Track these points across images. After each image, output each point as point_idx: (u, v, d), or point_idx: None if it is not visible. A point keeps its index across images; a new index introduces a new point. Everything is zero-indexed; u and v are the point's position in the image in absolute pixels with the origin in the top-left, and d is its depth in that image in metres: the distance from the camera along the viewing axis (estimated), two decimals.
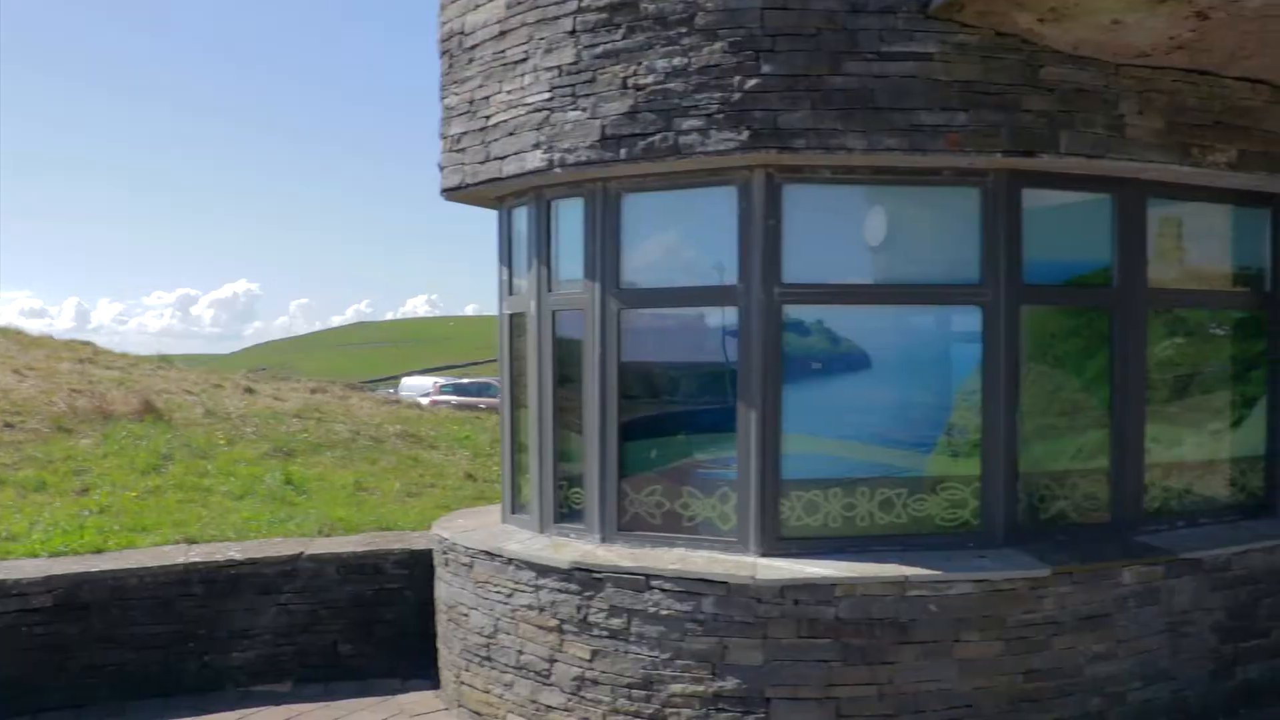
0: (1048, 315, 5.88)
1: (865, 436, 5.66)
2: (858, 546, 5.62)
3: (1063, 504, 5.92)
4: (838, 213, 5.66)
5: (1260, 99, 6.02)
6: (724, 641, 5.37)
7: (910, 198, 5.69)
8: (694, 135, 5.42)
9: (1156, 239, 6.16)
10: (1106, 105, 5.59)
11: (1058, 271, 5.88)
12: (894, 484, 5.67)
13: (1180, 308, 6.25)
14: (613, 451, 5.88)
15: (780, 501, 5.61)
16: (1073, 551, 5.66)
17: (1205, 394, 6.36)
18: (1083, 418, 5.96)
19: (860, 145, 5.33)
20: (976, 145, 5.39)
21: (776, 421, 5.58)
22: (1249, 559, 6.05)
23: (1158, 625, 5.75)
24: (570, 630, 5.72)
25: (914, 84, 5.34)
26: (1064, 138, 5.49)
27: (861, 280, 5.63)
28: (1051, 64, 5.49)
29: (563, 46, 5.73)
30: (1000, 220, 5.66)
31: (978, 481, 5.72)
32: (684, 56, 5.43)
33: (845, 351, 5.67)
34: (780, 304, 5.57)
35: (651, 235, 5.88)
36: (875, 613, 5.32)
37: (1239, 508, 6.50)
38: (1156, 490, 6.17)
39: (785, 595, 5.32)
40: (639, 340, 5.91)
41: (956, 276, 5.70)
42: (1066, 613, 5.51)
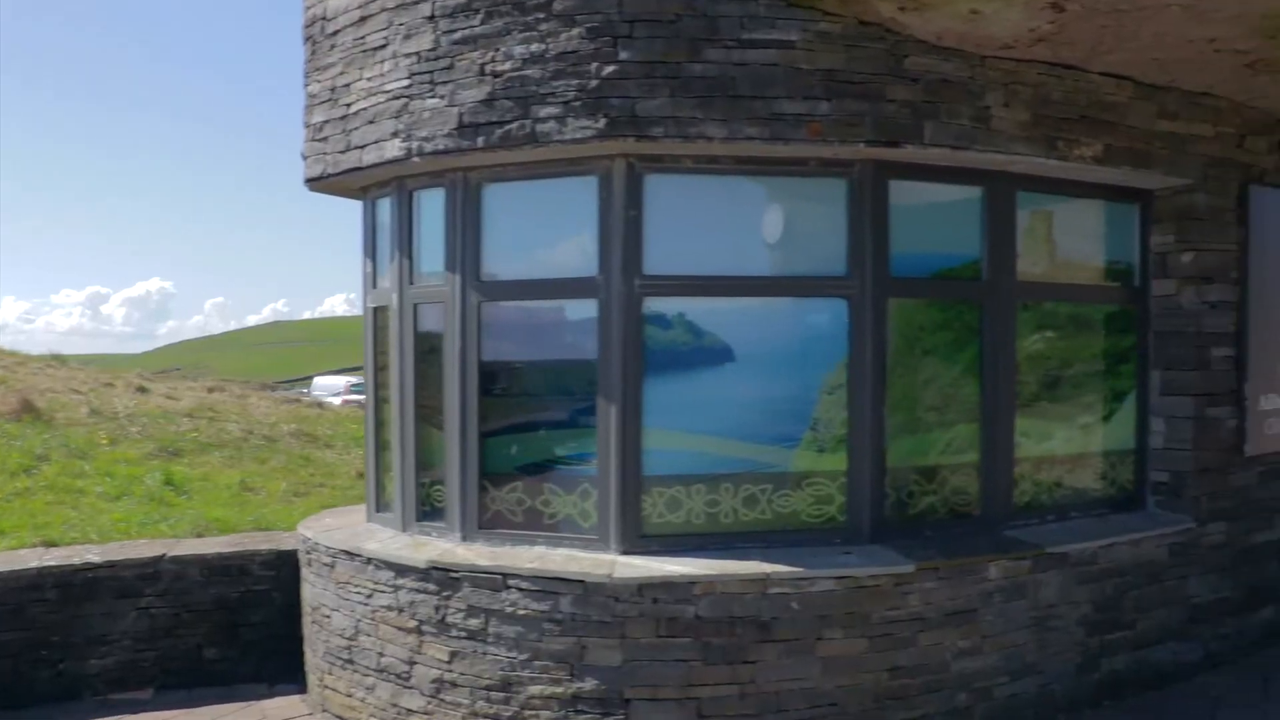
0: (916, 308, 5.80)
1: (729, 432, 5.53)
2: (721, 544, 5.50)
3: (931, 499, 5.84)
4: (701, 203, 5.52)
5: (1125, 95, 5.99)
6: (582, 641, 5.22)
7: (776, 188, 5.57)
8: (551, 123, 5.26)
9: (1027, 233, 6.10)
10: (972, 97, 5.51)
11: (926, 264, 5.80)
12: (758, 480, 5.55)
13: (1050, 302, 6.20)
14: (473, 448, 5.71)
15: (642, 498, 5.47)
16: (940, 547, 5.59)
17: (1076, 388, 6.33)
18: (952, 412, 5.89)
19: (720, 134, 5.20)
20: (839, 135, 5.29)
21: (637, 416, 5.44)
22: (1115, 552, 6.02)
23: (1024, 620, 5.69)
24: (429, 631, 5.55)
25: (776, 72, 5.23)
26: (928, 128, 5.41)
27: (725, 272, 5.49)
28: (916, 54, 5.40)
29: (421, 32, 5.55)
30: (867, 212, 5.56)
31: (844, 477, 5.62)
32: (541, 42, 5.27)
33: (709, 345, 5.54)
34: (641, 296, 5.43)
35: (513, 226, 5.71)
36: (736, 611, 5.19)
37: (1109, 501, 6.48)
38: (1026, 484, 6.12)
39: (643, 594, 5.18)
40: (500, 334, 5.74)
41: (823, 269, 5.60)
42: (932, 609, 5.43)
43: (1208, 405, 6.45)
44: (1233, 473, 6.60)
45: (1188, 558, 6.37)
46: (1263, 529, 6.83)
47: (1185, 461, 6.40)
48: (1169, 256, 6.49)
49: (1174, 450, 6.45)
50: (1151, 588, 6.20)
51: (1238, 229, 6.58)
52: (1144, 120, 6.07)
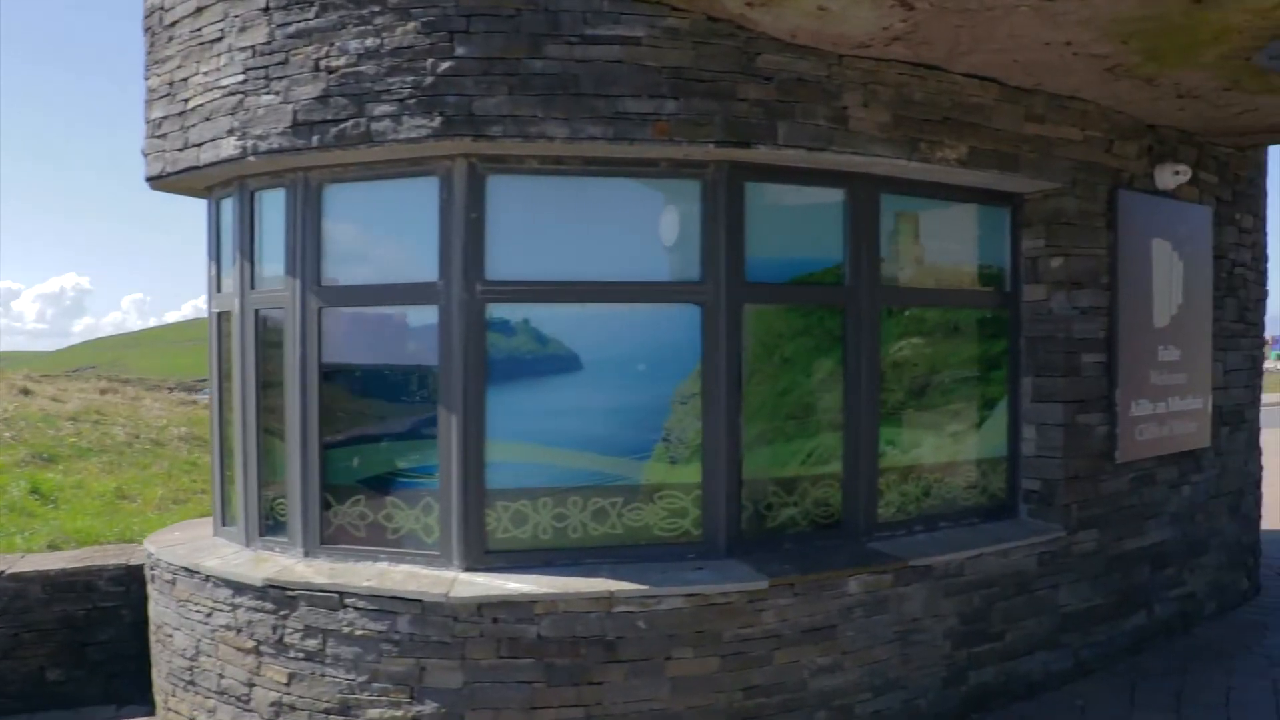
0: (775, 314, 5.57)
1: (577, 443, 5.28)
2: (570, 560, 5.25)
3: (792, 511, 5.62)
4: (547, 205, 5.25)
5: (990, 96, 5.81)
6: (421, 663, 4.95)
7: (626, 190, 5.32)
8: (386, 121, 4.98)
9: (892, 236, 5.91)
10: (829, 96, 5.30)
11: (786, 269, 5.58)
12: (608, 493, 5.31)
13: (917, 306, 6.01)
14: (314, 460, 5.41)
15: (485, 513, 5.21)
16: (798, 561, 5.38)
17: (944, 395, 6.14)
18: (813, 421, 5.67)
19: (562, 134, 4.95)
20: (687, 135, 5.05)
21: (480, 427, 5.17)
22: (982, 563, 5.84)
23: (887, 634, 5.49)
24: (268, 652, 5.25)
25: (620, 69, 4.98)
26: (782, 129, 5.18)
27: (573, 277, 5.23)
28: (769, 52, 5.18)
29: (256, 25, 5.24)
30: (721, 215, 5.33)
31: (698, 489, 5.39)
32: (377, 37, 4.98)
33: (555, 353, 5.28)
34: (484, 302, 5.16)
35: (355, 229, 5.42)
36: (580, 630, 4.95)
37: (981, 510, 6.30)
38: (893, 495, 5.92)
39: (483, 613, 4.92)
40: (342, 341, 5.45)
41: (675, 273, 5.36)
42: (788, 625, 5.21)
43: (1078, 412, 6.29)
44: (1104, 480, 6.46)
45: (1058, 566, 6.21)
46: (1134, 536, 6.70)
47: (1055, 469, 6.25)
48: (1039, 261, 6.32)
49: (1045, 458, 6.29)
50: (1020, 598, 6.04)
51: (1108, 233, 6.43)
52: (1010, 123, 5.90)
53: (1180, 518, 7.10)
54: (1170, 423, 6.80)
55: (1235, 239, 7.63)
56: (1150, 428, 6.64)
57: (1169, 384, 6.78)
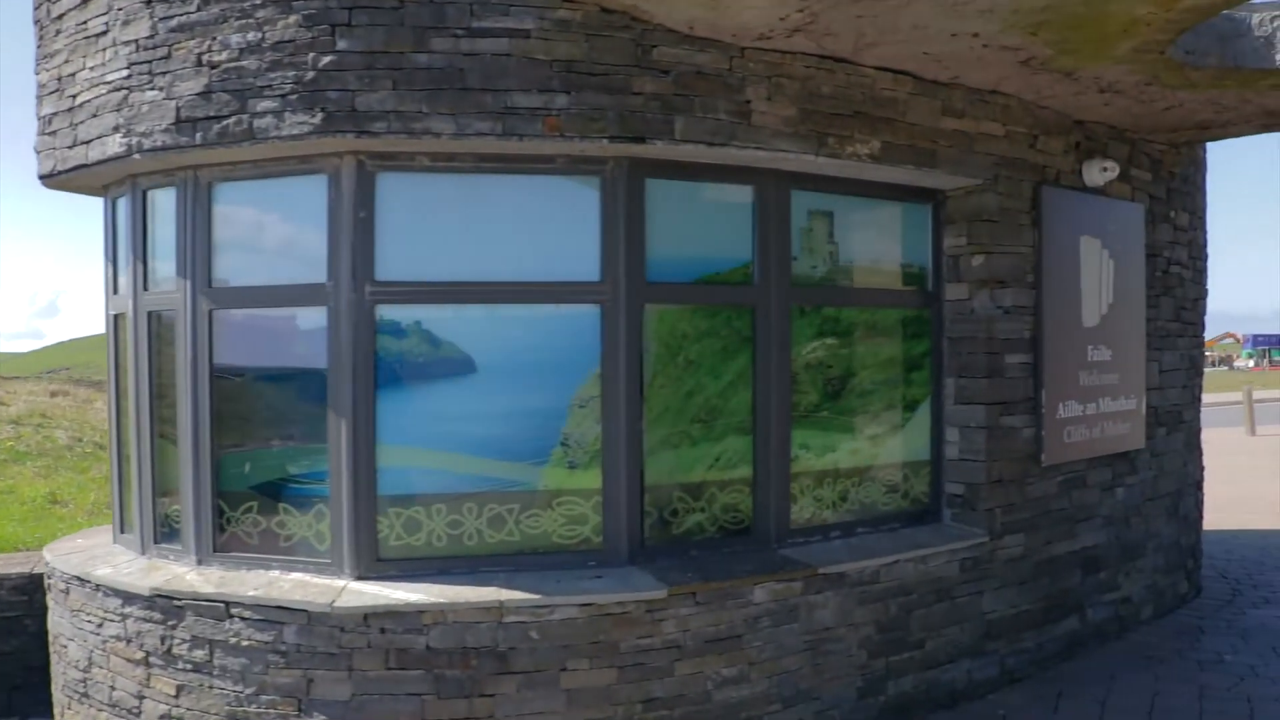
0: (679, 315, 5.37)
1: (472, 448, 5.08)
2: (465, 567, 5.05)
3: (699, 517, 5.42)
4: (440, 204, 5.06)
5: (904, 90, 5.61)
6: (308, 674, 4.76)
7: (522, 188, 5.11)
8: (269, 118, 4.78)
9: (805, 234, 5.71)
10: (730, 90, 5.10)
11: (691, 268, 5.38)
12: (505, 499, 5.11)
13: (832, 306, 5.80)
14: (206, 465, 5.21)
15: (377, 519, 5.01)
16: (702, 569, 5.18)
17: (863, 397, 5.93)
18: (721, 424, 5.46)
19: (448, 130, 4.75)
20: (579, 130, 4.85)
21: (370, 432, 4.97)
22: (900, 570, 5.64)
23: (797, 644, 5.29)
24: (157, 663, 5.06)
25: (509, 63, 4.78)
26: (680, 123, 4.99)
27: (466, 278, 5.03)
28: (666, 44, 4.98)
29: (139, 18, 5.04)
30: (621, 213, 5.13)
31: (598, 495, 5.18)
32: (258, 31, 4.78)
33: (448, 355, 5.08)
34: (373, 304, 4.96)
35: (246, 228, 5.22)
36: (470, 641, 4.75)
37: (903, 515, 6.10)
38: (807, 500, 5.72)
39: (370, 623, 4.73)
40: (234, 344, 5.25)
41: (573, 273, 5.16)
42: (690, 635, 5.02)
43: (1002, 414, 6.09)
44: (1030, 483, 6.26)
45: (981, 573, 6.01)
46: (1064, 539, 6.49)
47: (979, 473, 6.04)
48: (961, 259, 6.12)
49: (968, 461, 6.09)
50: (941, 605, 5.83)
51: (1032, 231, 6.23)
52: (927, 117, 5.70)
53: (1114, 521, 6.90)
54: (1101, 424, 6.60)
55: (1170, 237, 7.43)
56: (1080, 429, 6.44)
57: (1100, 385, 6.58)
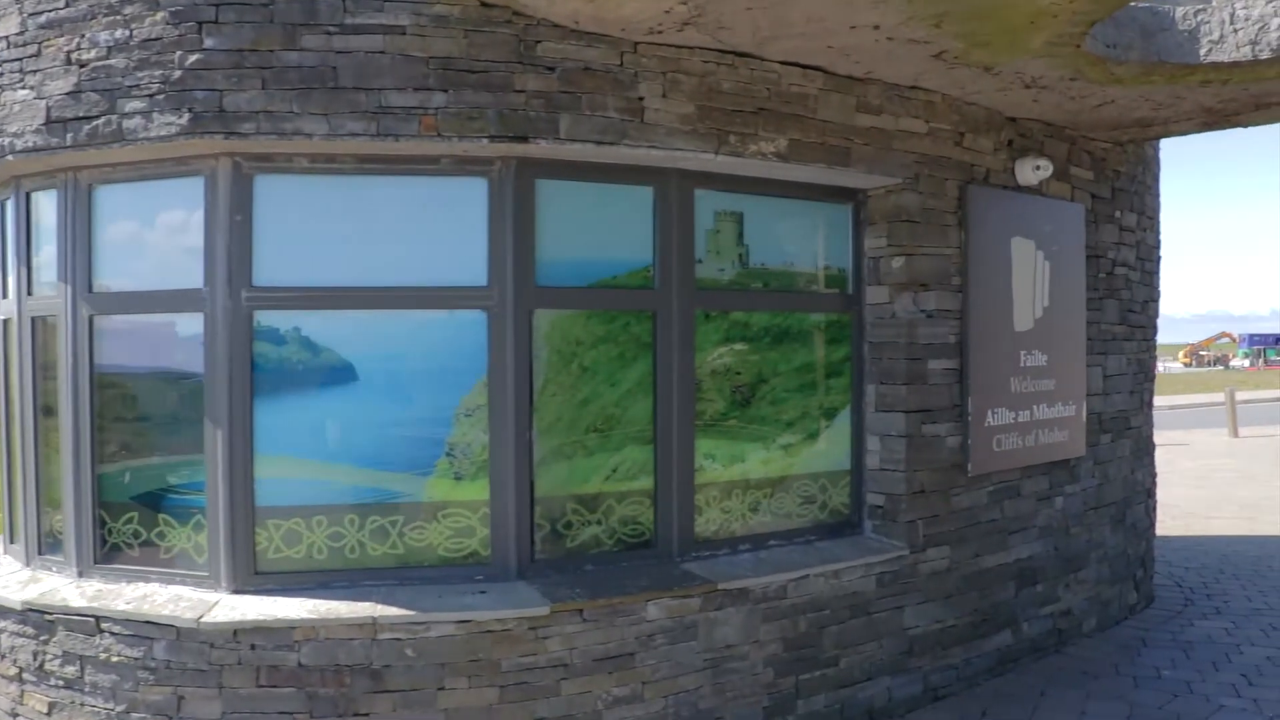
0: (572, 320, 5.10)
1: (354, 458, 4.84)
2: (346, 581, 4.82)
3: (596, 530, 5.16)
4: (321, 207, 4.82)
5: (814, 86, 5.32)
6: (179, 691, 4.56)
7: (406, 190, 4.87)
8: (137, 118, 4.57)
9: (712, 236, 5.43)
10: (621, 86, 4.84)
11: (586, 271, 5.12)
12: (388, 511, 4.87)
13: (741, 310, 5.52)
14: (87, 475, 5.01)
15: (256, 531, 4.79)
16: (594, 585, 4.92)
17: (775, 404, 5.64)
18: (619, 434, 5.20)
19: (320, 130, 4.52)
20: (457, 130, 4.60)
21: (247, 441, 4.75)
22: (810, 585, 5.36)
23: (696, 662, 5.03)
24: (30, 679, 4.89)
25: (383, 60, 4.54)
26: (565, 122, 4.73)
27: (348, 283, 4.80)
28: (551, 40, 4.72)
29: (9, 14, 4.84)
30: (509, 215, 4.89)
31: (486, 507, 4.94)
32: (126, 28, 4.57)
33: (329, 363, 4.84)
34: (250, 310, 4.74)
35: (126, 232, 5.00)
36: (343, 658, 4.53)
37: (821, 528, 5.80)
38: (714, 512, 5.44)
39: (239, 639, 4.51)
40: (116, 351, 5.04)
41: (459, 278, 4.91)
42: (578, 653, 4.77)
43: (924, 422, 5.78)
44: (957, 493, 5.95)
45: (902, 587, 5.71)
46: (995, 551, 6.18)
47: (899, 484, 5.74)
48: (882, 261, 5.82)
49: (889, 471, 5.79)
50: (857, 621, 5.54)
51: (958, 232, 5.91)
52: (840, 114, 5.41)
53: (1052, 531, 6.58)
54: (1036, 432, 6.28)
55: (1115, 238, 7.08)
56: (1012, 437, 6.12)
57: (1034, 391, 6.26)
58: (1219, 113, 6.14)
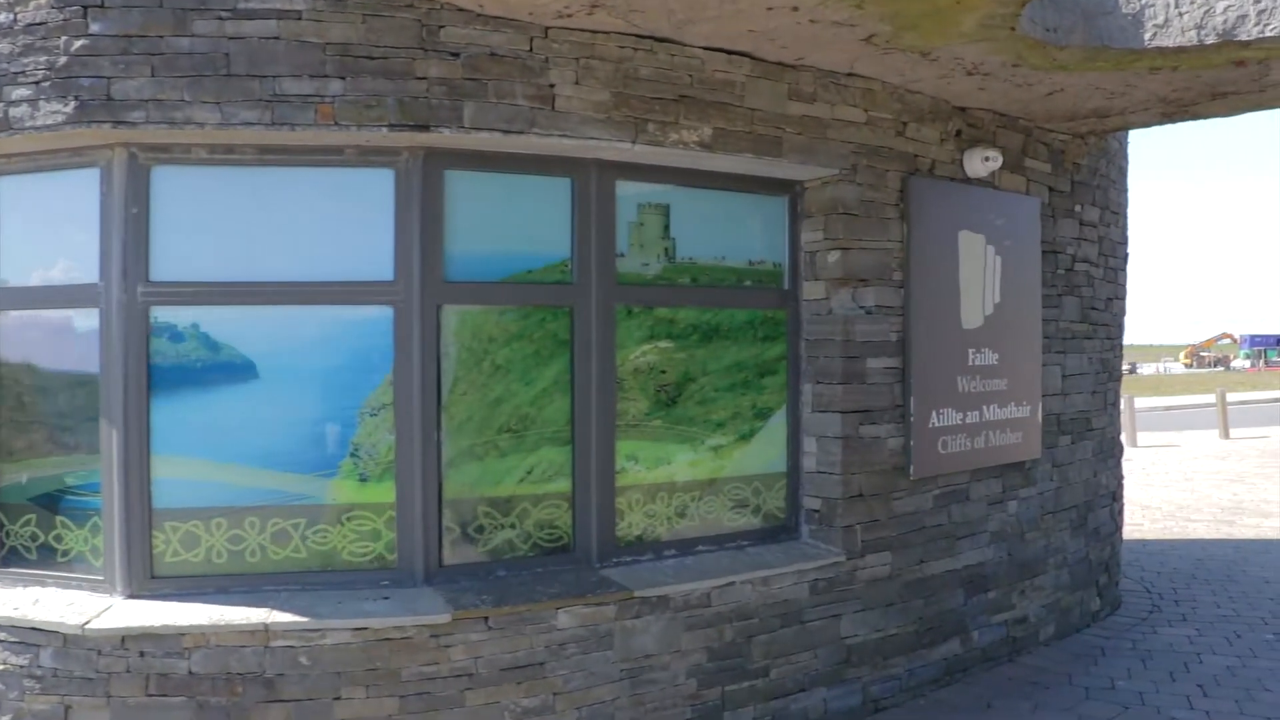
0: (484, 316, 4.87)
1: (255, 459, 4.63)
2: (247, 586, 4.61)
3: (509, 534, 4.93)
4: (222, 199, 4.60)
5: (741, 73, 5.06)
6: (65, 700, 4.36)
7: (310, 181, 4.65)
8: (24, 106, 4.36)
9: (636, 229, 5.18)
10: (530, 73, 4.60)
11: (499, 266, 4.88)
12: (290, 513, 4.66)
13: (666, 306, 5.26)
14: None
15: (153, 534, 4.58)
16: (504, 591, 4.69)
17: (704, 404, 5.38)
18: (534, 434, 4.96)
19: (212, 119, 4.30)
20: (355, 119, 4.38)
21: (144, 441, 4.55)
22: (736, 592, 5.10)
23: (612, 673, 4.78)
24: None
25: (278, 46, 4.32)
26: (469, 110, 4.49)
27: (248, 278, 4.59)
28: (455, 24, 4.49)
29: None
30: (416, 207, 4.67)
31: (391, 510, 4.72)
32: (9, 12, 4.37)
33: (229, 360, 4.62)
34: (147, 305, 4.54)
35: (24, 225, 4.80)
36: (235, 666, 4.31)
37: (755, 532, 5.54)
38: (637, 515, 5.19)
39: (127, 646, 4.31)
40: (14, 348, 4.84)
41: (365, 273, 4.69)
42: (483, 663, 4.54)
43: (862, 423, 5.50)
44: (899, 497, 5.67)
45: (838, 594, 5.45)
46: (942, 557, 5.89)
47: (835, 487, 5.47)
48: (818, 255, 5.55)
49: (825, 474, 5.52)
50: (789, 630, 5.28)
51: (901, 225, 5.63)
52: (770, 102, 5.15)
53: (1005, 536, 6.28)
54: (986, 433, 5.98)
55: (1075, 233, 6.77)
56: (959, 439, 5.83)
57: (984, 391, 5.97)
58: (1176, 102, 5.82)
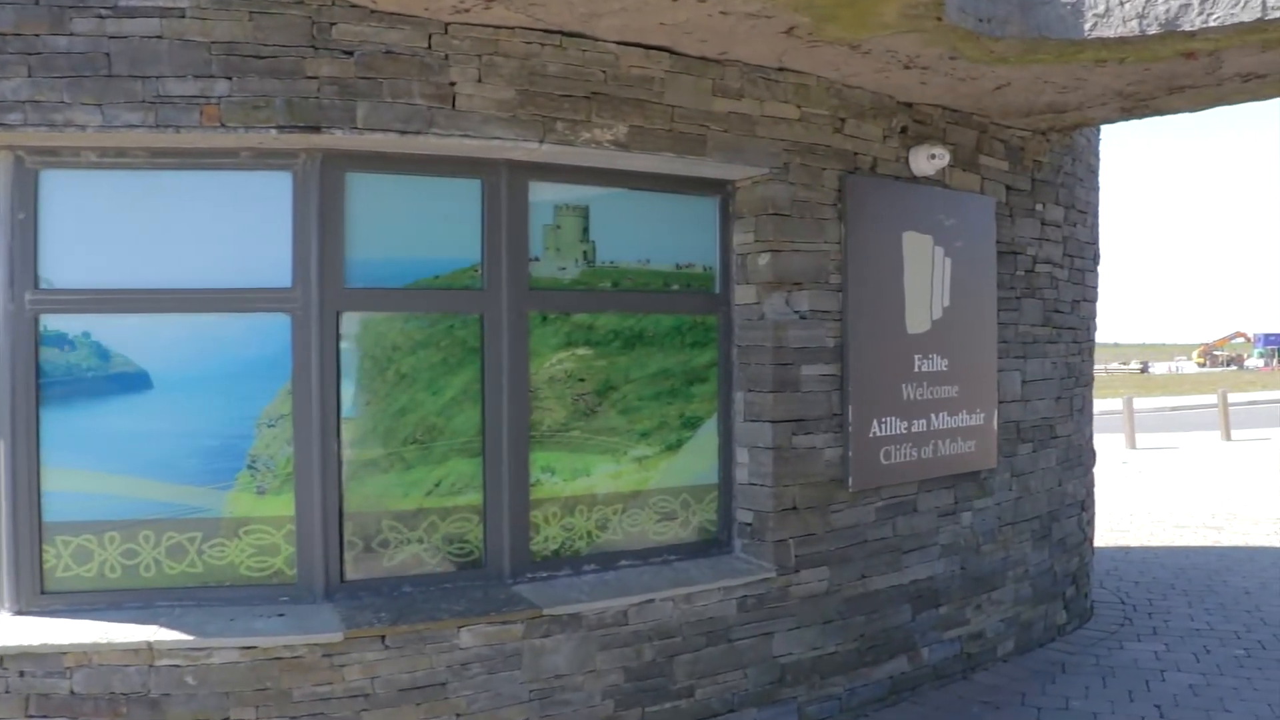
0: (389, 323, 4.65)
1: (149, 470, 4.44)
2: (141, 601, 4.44)
3: (416, 549, 4.71)
4: (113, 204, 4.42)
5: (660, 68, 4.79)
6: None
7: (205, 185, 4.46)
8: None
9: (552, 232, 4.93)
10: (428, 71, 4.37)
11: (404, 271, 4.66)
12: (185, 527, 4.47)
13: (584, 312, 5.01)
14: None
15: (44, 548, 4.41)
16: (405, 608, 4.48)
17: (628, 414, 5.13)
18: (443, 445, 4.74)
19: (94, 121, 4.11)
20: (242, 120, 4.17)
21: (33, 453, 4.38)
22: (656, 610, 4.85)
23: (520, 693, 4.56)
24: None
25: (161, 46, 4.12)
26: (362, 110, 4.27)
27: (141, 285, 4.40)
28: (349, 21, 4.27)
29: None
30: (315, 210, 4.46)
31: (291, 524, 4.51)
32: None
33: (121, 370, 4.44)
34: (35, 314, 4.36)
35: None
36: (118, 686, 4.14)
37: (684, 546, 5.28)
38: (554, 529, 4.95)
39: (7, 666, 4.13)
40: None
41: (262, 279, 4.49)
42: (380, 683, 4.33)
43: (795, 432, 5.22)
44: (837, 510, 5.38)
45: (770, 611, 5.17)
46: (886, 571, 5.59)
47: (766, 499, 5.19)
48: (749, 258, 5.27)
49: (757, 486, 5.25)
50: (716, 649, 5.02)
51: (839, 226, 5.33)
52: (692, 99, 4.88)
53: (959, 549, 5.97)
54: (935, 442, 5.67)
55: (1037, 233, 6.42)
56: (904, 449, 5.53)
57: (932, 398, 5.66)
58: (1133, 97, 5.47)
